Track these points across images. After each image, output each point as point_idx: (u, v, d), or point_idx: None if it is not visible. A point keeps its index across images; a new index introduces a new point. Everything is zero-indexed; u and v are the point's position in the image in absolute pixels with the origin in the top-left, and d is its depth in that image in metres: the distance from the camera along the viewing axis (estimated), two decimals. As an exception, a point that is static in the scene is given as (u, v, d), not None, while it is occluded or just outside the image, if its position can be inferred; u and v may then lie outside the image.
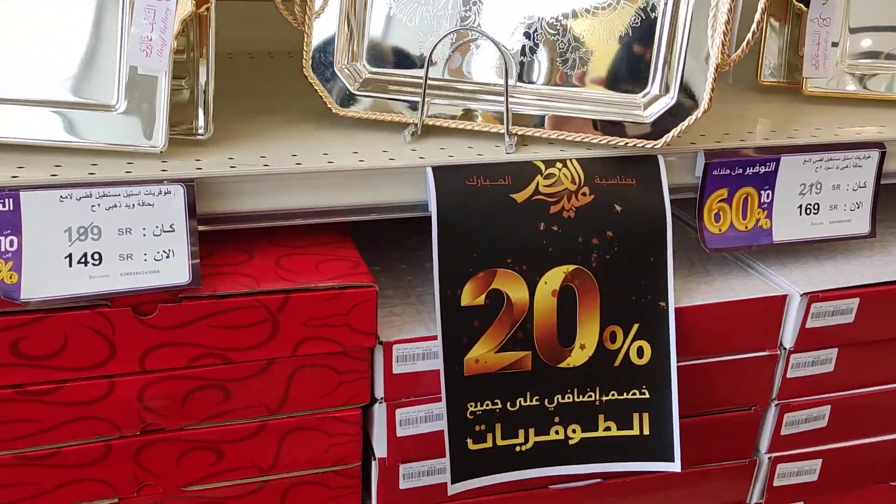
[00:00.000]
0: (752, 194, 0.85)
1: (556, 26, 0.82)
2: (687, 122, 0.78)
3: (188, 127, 0.79)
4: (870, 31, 1.03)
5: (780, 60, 1.07)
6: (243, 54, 1.18)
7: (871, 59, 1.02)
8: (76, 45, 0.73)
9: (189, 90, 0.80)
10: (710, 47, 0.77)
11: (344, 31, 0.84)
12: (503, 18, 0.82)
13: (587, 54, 0.82)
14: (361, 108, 0.84)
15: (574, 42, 0.82)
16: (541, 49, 0.82)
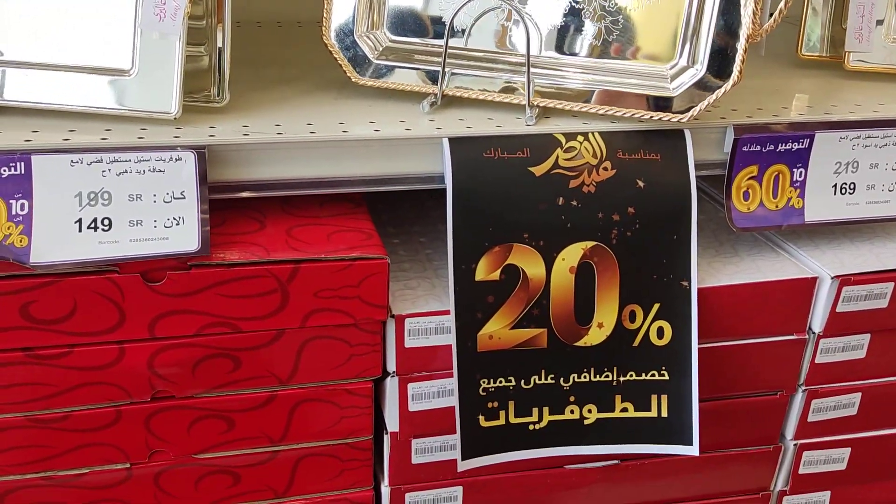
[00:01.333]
0: (783, 172, 0.81)
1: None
2: (715, 96, 0.75)
3: (206, 94, 0.79)
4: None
5: (823, 33, 1.02)
6: (272, 23, 1.17)
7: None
8: (92, 9, 0.73)
9: (207, 57, 0.80)
10: (741, 16, 0.73)
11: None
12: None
13: (613, 24, 0.79)
14: (381, 77, 0.83)
15: (600, 11, 0.79)
16: (564, 18, 0.79)
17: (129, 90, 0.72)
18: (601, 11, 0.79)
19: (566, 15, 0.80)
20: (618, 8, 0.78)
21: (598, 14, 0.79)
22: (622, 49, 0.79)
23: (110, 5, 0.73)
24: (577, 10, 0.79)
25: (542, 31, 0.80)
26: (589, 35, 0.79)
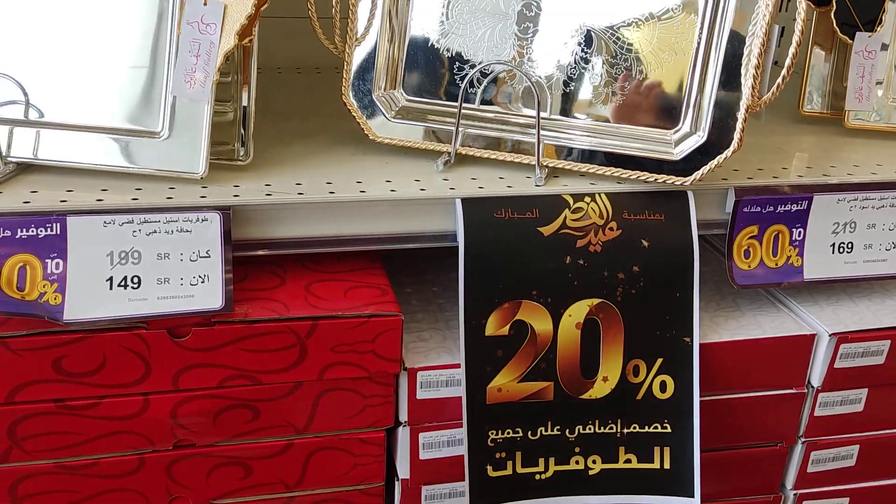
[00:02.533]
0: (783, 231, 0.84)
1: (589, 61, 0.82)
2: (716, 161, 0.78)
3: (230, 148, 0.83)
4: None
5: (825, 89, 1.06)
6: (292, 69, 1.22)
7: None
8: (125, 74, 0.77)
9: (232, 112, 0.84)
10: (741, 88, 0.77)
11: (383, 60, 0.86)
12: (537, 52, 0.84)
13: (619, 89, 0.82)
14: (397, 136, 0.86)
15: (607, 77, 0.82)
16: (573, 83, 0.83)
17: (160, 151, 0.75)
18: (608, 77, 0.82)
19: (575, 80, 0.83)
20: (624, 75, 0.82)
21: (605, 79, 0.83)
22: (628, 113, 0.82)
23: (143, 71, 0.77)
24: (585, 75, 0.83)
25: (552, 94, 0.84)
26: (597, 99, 0.83)
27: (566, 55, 0.83)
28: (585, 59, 0.83)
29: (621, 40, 0.82)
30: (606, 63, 0.82)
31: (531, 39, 0.84)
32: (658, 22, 0.80)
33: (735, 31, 0.77)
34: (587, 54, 0.82)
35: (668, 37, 0.80)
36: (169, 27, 0.76)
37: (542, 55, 0.84)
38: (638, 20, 0.81)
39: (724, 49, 0.78)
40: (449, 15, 0.85)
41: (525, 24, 0.84)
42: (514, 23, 0.84)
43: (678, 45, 0.80)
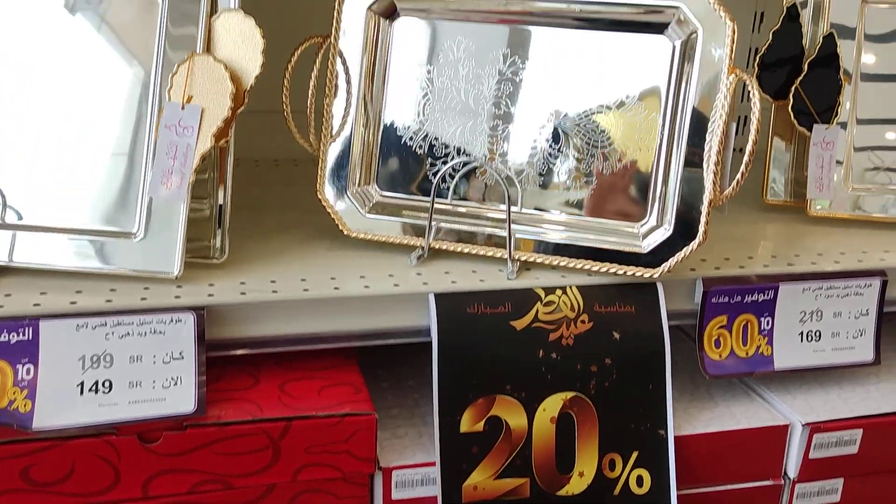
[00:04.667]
0: (751, 321, 0.86)
1: (557, 157, 0.85)
2: (682, 254, 0.80)
3: (205, 244, 0.83)
4: (876, 150, 1.05)
5: (787, 178, 1.09)
6: (270, 161, 1.24)
7: (877, 181, 1.04)
8: (102, 176, 0.78)
9: (208, 209, 0.85)
10: (703, 183, 0.79)
11: (357, 156, 0.89)
12: (508, 148, 0.86)
13: (587, 184, 0.85)
14: (372, 231, 0.88)
15: (576, 172, 0.85)
16: (544, 178, 0.86)
17: (135, 252, 0.76)
18: (576, 172, 0.85)
19: (545, 175, 0.86)
20: (592, 170, 0.85)
21: (573, 175, 0.85)
22: (597, 207, 0.85)
23: (120, 173, 0.78)
24: (554, 170, 0.85)
25: (523, 189, 0.86)
26: (566, 193, 0.85)
27: (536, 151, 0.86)
28: (554, 155, 0.85)
29: (588, 137, 0.84)
30: (574, 159, 0.85)
31: (502, 136, 0.86)
32: (623, 119, 0.83)
33: (695, 128, 0.80)
34: (556, 150, 0.85)
35: (633, 133, 0.83)
36: (147, 129, 0.78)
37: (513, 151, 0.86)
38: (603, 117, 0.84)
39: (685, 145, 0.80)
40: (421, 112, 0.88)
41: (495, 122, 0.86)
42: (484, 120, 0.87)
43: (643, 142, 0.83)
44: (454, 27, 0.86)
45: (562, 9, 0.84)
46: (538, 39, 0.85)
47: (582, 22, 0.84)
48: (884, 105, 1.05)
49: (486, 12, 0.85)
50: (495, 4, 0.85)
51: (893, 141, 1.05)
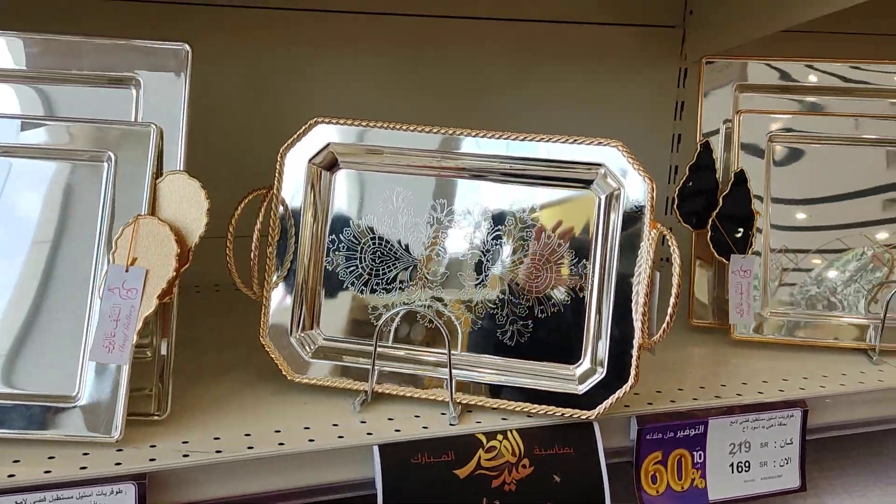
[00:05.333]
0: (685, 455, 0.90)
1: (495, 301, 0.89)
2: (616, 396, 0.84)
3: (146, 393, 0.83)
4: (790, 286, 1.12)
5: (710, 301, 1.16)
6: (210, 286, 1.24)
7: (794, 306, 1.11)
8: (40, 338, 0.78)
9: (151, 352, 0.85)
10: (633, 329, 0.84)
11: (299, 302, 0.90)
12: (446, 292, 0.89)
13: (524, 327, 0.88)
14: (315, 375, 0.89)
15: (513, 315, 0.88)
16: (483, 321, 0.89)
17: (74, 417, 0.76)
18: (514, 316, 0.89)
19: (483, 319, 0.89)
20: (529, 313, 0.88)
21: (511, 318, 0.89)
22: (534, 350, 0.88)
23: (62, 335, 0.78)
24: (494, 314, 0.89)
25: (462, 332, 0.89)
26: (504, 337, 0.88)
27: (474, 296, 0.89)
28: (491, 300, 0.89)
29: (524, 283, 0.88)
30: (511, 304, 0.88)
31: (441, 281, 0.90)
32: (556, 266, 0.88)
33: (622, 276, 0.85)
34: (493, 295, 0.89)
35: (566, 280, 0.88)
36: (90, 292, 0.79)
37: (452, 295, 0.89)
38: (537, 265, 0.88)
39: (614, 293, 0.85)
40: (363, 259, 0.91)
41: (434, 268, 0.90)
42: (423, 266, 0.90)
43: (575, 288, 0.87)
44: (393, 178, 0.91)
45: (493, 165, 0.89)
46: (473, 191, 0.90)
47: (513, 176, 0.89)
48: (794, 231, 1.13)
49: (422, 167, 0.90)
50: (430, 161, 0.90)
51: (807, 266, 1.12)
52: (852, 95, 1.15)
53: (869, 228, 1.12)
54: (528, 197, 0.89)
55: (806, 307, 1.10)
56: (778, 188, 1.13)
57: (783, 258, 1.12)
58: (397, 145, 0.89)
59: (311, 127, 0.90)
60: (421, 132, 0.89)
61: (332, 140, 0.90)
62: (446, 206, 0.90)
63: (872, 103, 1.15)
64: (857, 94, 1.15)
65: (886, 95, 1.15)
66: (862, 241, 1.11)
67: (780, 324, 1.10)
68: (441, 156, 0.89)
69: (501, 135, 0.88)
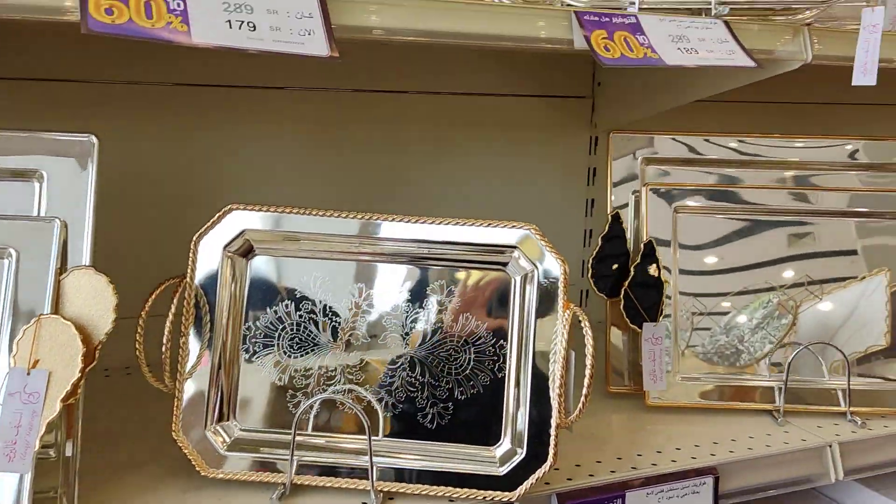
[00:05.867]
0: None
1: (414, 384, 0.89)
2: (536, 476, 0.85)
3: (51, 496, 0.79)
4: (700, 353, 1.16)
5: (626, 367, 1.19)
6: (121, 369, 1.20)
7: (705, 372, 1.15)
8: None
9: (54, 451, 0.81)
10: (550, 409, 0.85)
11: (215, 392, 0.88)
12: (366, 377, 0.89)
13: (444, 410, 0.89)
14: (231, 470, 0.87)
15: (432, 399, 0.89)
16: (402, 406, 0.89)
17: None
18: (433, 398, 0.89)
19: (403, 403, 0.89)
20: (449, 395, 0.89)
21: (430, 401, 0.89)
22: (455, 433, 0.88)
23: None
24: (413, 398, 0.89)
25: (383, 418, 0.89)
26: (425, 420, 0.88)
27: (394, 380, 0.89)
28: (411, 383, 0.89)
29: (443, 365, 0.89)
30: (431, 387, 0.89)
31: (360, 366, 0.89)
32: (475, 348, 0.89)
33: (539, 357, 0.87)
34: (413, 379, 0.89)
35: (485, 361, 0.89)
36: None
37: (372, 380, 0.89)
38: (457, 347, 0.89)
39: (531, 373, 0.87)
40: (280, 346, 0.90)
41: (353, 353, 0.90)
42: (342, 351, 0.90)
43: (494, 370, 0.88)
44: (310, 264, 0.90)
45: (411, 249, 0.90)
46: (391, 274, 0.90)
47: (431, 259, 0.90)
48: (703, 297, 1.18)
49: (340, 252, 0.90)
50: (348, 246, 0.90)
51: (717, 333, 1.17)
52: (748, 167, 1.22)
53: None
54: (446, 279, 0.90)
55: (717, 357, 1.14)
56: (685, 258, 1.17)
57: (692, 321, 1.16)
58: (314, 231, 0.89)
59: (225, 214, 0.89)
60: (338, 218, 0.89)
61: (248, 227, 0.89)
62: (365, 290, 0.90)
63: (768, 173, 1.22)
64: (754, 167, 1.22)
65: (777, 167, 1.22)
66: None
67: (692, 388, 1.14)
68: (359, 241, 0.89)
69: (418, 219, 0.89)
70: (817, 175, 1.23)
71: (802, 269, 1.17)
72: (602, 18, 0.95)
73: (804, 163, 1.23)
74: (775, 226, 1.18)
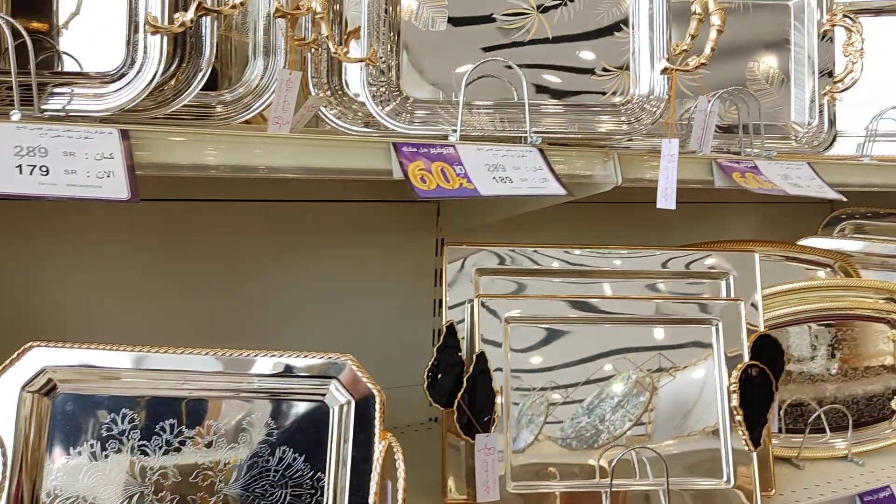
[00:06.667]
0: None
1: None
2: None
3: None
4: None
5: (465, 473, 1.19)
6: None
7: (536, 481, 1.17)
8: None
9: None
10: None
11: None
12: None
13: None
14: None
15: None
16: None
17: None
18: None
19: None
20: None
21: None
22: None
23: None
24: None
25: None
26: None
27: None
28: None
29: (258, 501, 0.87)
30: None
31: (170, 500, 0.87)
32: (290, 482, 0.88)
33: (356, 485, 0.87)
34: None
35: (302, 495, 0.88)
36: None
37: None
38: (272, 481, 0.88)
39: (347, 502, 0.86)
40: (84, 484, 0.86)
41: (163, 492, 0.87)
42: (150, 492, 0.86)
43: (310, 498, 0.87)
44: (119, 401, 0.87)
45: (228, 384, 0.88)
46: (205, 410, 0.88)
47: (249, 392, 0.89)
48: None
49: (150, 388, 0.88)
50: (159, 382, 0.88)
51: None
52: (573, 276, 1.28)
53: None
54: (264, 410, 0.89)
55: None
56: (517, 364, 1.21)
57: (527, 432, 1.19)
58: (122, 367, 0.87)
59: (25, 352, 0.85)
60: (147, 353, 0.87)
61: (50, 364, 0.86)
62: (176, 426, 0.88)
63: (596, 285, 1.28)
64: (578, 275, 1.28)
65: (604, 276, 1.29)
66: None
67: (522, 498, 1.16)
68: (168, 375, 0.87)
69: (233, 352, 0.88)
70: (638, 281, 1.30)
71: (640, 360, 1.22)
72: (421, 149, 0.98)
73: (628, 271, 1.30)
74: (597, 331, 1.24)
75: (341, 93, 1.14)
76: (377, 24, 1.07)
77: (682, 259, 1.29)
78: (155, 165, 0.80)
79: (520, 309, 1.22)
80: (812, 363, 1.45)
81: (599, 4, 1.13)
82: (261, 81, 1.03)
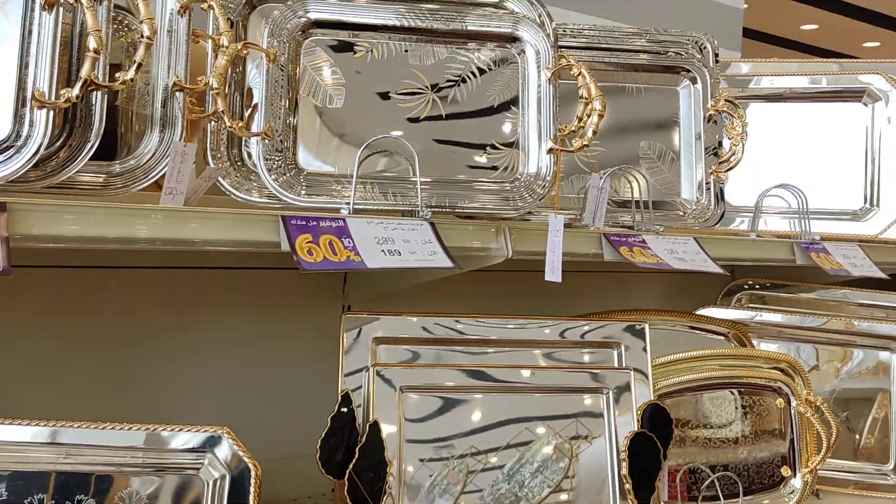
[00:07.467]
0: None
1: None
2: None
3: None
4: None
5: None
6: None
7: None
8: None
9: None
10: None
11: None
12: None
13: None
14: None
15: None
16: None
17: None
18: None
19: None
20: None
21: None
22: None
23: None
24: None
25: None
26: None
27: None
28: None
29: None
30: None
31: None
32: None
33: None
34: None
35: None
36: None
37: None
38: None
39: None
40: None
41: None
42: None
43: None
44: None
45: (100, 458, 0.87)
46: (78, 484, 0.87)
47: (117, 467, 0.88)
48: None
49: (25, 462, 0.86)
50: (33, 456, 0.86)
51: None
52: (470, 345, 1.30)
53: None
54: (135, 487, 0.88)
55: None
56: (414, 434, 1.22)
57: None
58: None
59: None
60: (28, 426, 0.86)
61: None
62: (45, 501, 0.86)
63: (492, 355, 1.31)
64: (475, 344, 1.31)
65: (500, 345, 1.32)
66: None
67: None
68: (37, 448, 0.86)
69: (106, 426, 0.87)
70: (534, 350, 1.33)
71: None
72: (310, 223, 1.01)
73: (523, 340, 1.33)
74: (499, 399, 1.26)
75: (240, 163, 1.16)
76: (274, 99, 1.10)
77: (577, 329, 1.33)
78: (24, 237, 0.80)
79: (415, 378, 1.24)
80: (716, 430, 1.49)
81: (491, 86, 1.19)
82: (155, 153, 1.04)
